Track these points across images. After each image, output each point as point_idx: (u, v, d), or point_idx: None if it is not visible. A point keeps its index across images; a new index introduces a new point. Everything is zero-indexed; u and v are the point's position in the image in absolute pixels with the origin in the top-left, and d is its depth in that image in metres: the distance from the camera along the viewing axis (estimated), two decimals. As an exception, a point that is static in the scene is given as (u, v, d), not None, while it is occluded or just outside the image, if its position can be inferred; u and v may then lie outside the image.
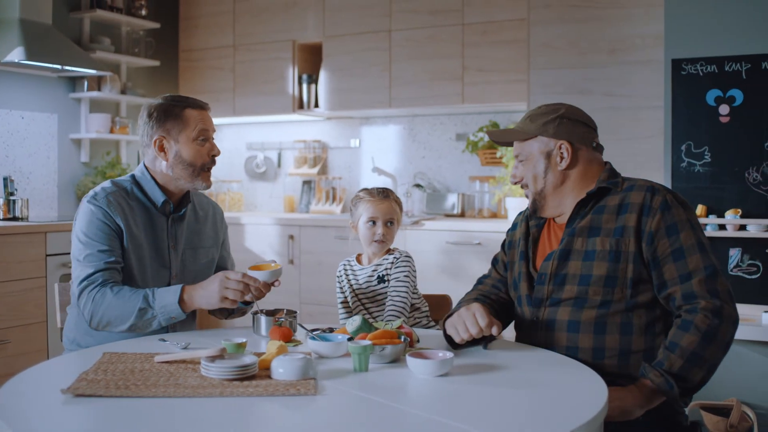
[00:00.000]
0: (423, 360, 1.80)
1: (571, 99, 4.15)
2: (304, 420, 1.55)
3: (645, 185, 2.10)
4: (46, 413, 1.54)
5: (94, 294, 2.27)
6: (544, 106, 2.21)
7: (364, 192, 2.69)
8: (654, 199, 2.05)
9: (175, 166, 2.45)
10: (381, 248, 2.65)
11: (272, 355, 1.83)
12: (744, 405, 3.53)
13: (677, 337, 1.93)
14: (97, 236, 2.35)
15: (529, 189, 2.21)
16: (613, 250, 2.04)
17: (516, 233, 2.34)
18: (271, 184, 6.00)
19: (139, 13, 5.43)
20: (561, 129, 2.16)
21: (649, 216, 2.03)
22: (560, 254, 2.11)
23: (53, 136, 5.03)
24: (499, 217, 5.02)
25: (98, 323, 2.28)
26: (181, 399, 1.61)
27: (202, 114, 2.48)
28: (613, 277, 2.03)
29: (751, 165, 3.62)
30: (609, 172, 2.18)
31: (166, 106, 2.46)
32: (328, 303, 4.80)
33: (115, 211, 2.38)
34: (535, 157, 2.18)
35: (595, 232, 2.08)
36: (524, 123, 2.21)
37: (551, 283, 2.11)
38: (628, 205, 2.07)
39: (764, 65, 3.58)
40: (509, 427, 1.49)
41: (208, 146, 2.47)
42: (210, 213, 2.67)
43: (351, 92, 5.20)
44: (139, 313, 2.24)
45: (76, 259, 2.36)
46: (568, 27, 4.25)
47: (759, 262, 3.61)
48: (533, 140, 2.18)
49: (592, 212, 2.12)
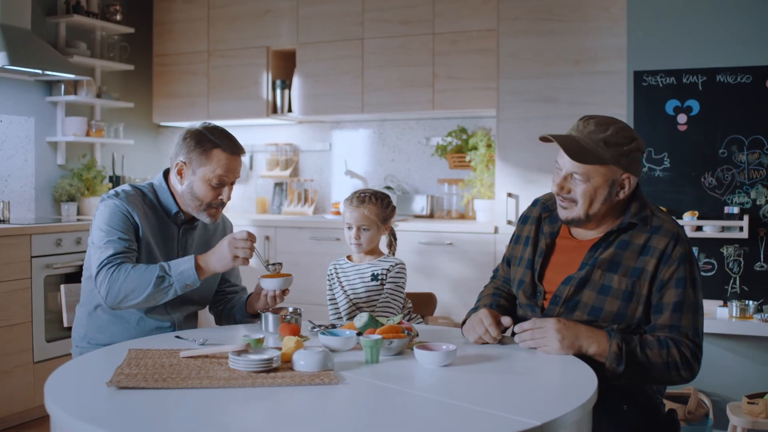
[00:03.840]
0: (430, 352, 2.00)
1: (538, 107, 4.39)
2: (331, 405, 1.73)
3: (671, 231, 2.16)
4: (97, 403, 1.70)
5: (112, 271, 2.39)
6: (620, 130, 2.17)
7: (350, 196, 2.84)
8: (675, 251, 2.14)
9: (185, 194, 2.57)
10: (358, 250, 2.80)
11: (291, 349, 2.00)
12: (700, 393, 3.79)
13: (651, 344, 2.09)
14: (118, 226, 2.47)
15: (577, 206, 2.19)
16: (627, 291, 2.15)
17: (526, 229, 2.41)
18: (243, 185, 6.13)
19: (113, 18, 5.52)
20: (633, 163, 2.18)
21: (667, 264, 2.14)
22: (579, 282, 2.19)
23: (30, 139, 5.10)
24: (468, 218, 5.23)
25: (115, 298, 2.39)
26: (215, 390, 1.77)
27: (230, 160, 2.54)
28: (623, 314, 2.15)
29: (706, 170, 3.88)
30: (640, 204, 2.22)
31: (201, 136, 2.53)
32: (305, 302, 4.95)
33: (134, 209, 2.51)
34: (599, 183, 2.16)
35: (615, 267, 2.16)
36: (598, 146, 2.15)
37: (563, 306, 2.21)
38: (651, 248, 2.15)
39: (719, 78, 3.84)
40: (509, 408, 1.67)
41: (220, 191, 2.56)
42: (220, 225, 2.80)
43: (324, 98, 5.36)
44: (157, 281, 2.36)
45: (96, 246, 2.47)
46: (535, 38, 4.47)
47: (714, 260, 3.88)
48: (603, 166, 2.16)
49: (616, 245, 2.19)
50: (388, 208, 2.82)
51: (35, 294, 4.24)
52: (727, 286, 3.83)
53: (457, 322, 4.60)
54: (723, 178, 3.84)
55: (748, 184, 3.80)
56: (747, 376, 3.80)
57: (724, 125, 3.84)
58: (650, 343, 2.10)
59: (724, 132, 3.84)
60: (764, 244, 3.77)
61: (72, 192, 5.17)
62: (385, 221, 2.82)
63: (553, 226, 2.35)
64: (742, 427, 3.40)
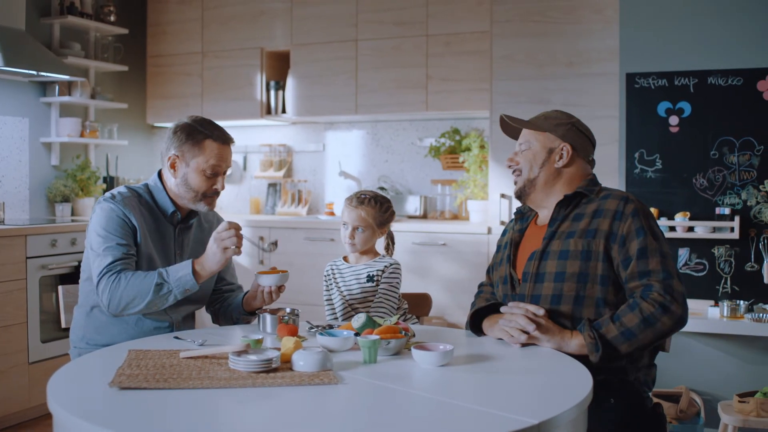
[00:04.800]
0: (427, 352, 2.02)
1: (531, 108, 4.42)
2: (331, 405, 1.75)
3: (620, 195, 2.34)
4: (100, 403, 1.72)
5: (112, 280, 2.41)
6: (560, 112, 2.48)
7: (351, 195, 2.87)
8: (627, 207, 2.29)
9: (180, 186, 2.60)
10: (351, 250, 2.83)
11: (290, 349, 2.02)
12: (692, 392, 3.83)
13: (623, 312, 2.18)
14: (116, 231, 2.49)
15: (521, 175, 2.43)
16: (584, 250, 2.28)
17: (504, 238, 2.58)
18: (237, 186, 6.15)
19: (107, 19, 5.52)
20: (569, 133, 2.42)
21: (621, 220, 2.27)
22: (540, 254, 2.34)
23: (24, 139, 5.10)
24: (461, 219, 5.26)
25: (117, 306, 2.41)
26: (216, 390, 1.79)
27: (221, 149, 2.58)
28: (585, 273, 2.27)
29: (698, 172, 3.92)
30: (590, 181, 2.43)
31: (191, 129, 2.57)
32: (300, 302, 4.97)
33: (131, 211, 2.53)
34: (537, 148, 2.42)
35: (571, 234, 2.32)
36: (538, 119, 2.47)
37: (532, 281, 2.33)
38: (603, 210, 2.31)
39: (710, 80, 3.88)
40: (506, 407, 1.70)
41: (215, 181, 2.60)
42: (214, 225, 2.81)
43: (318, 99, 5.39)
44: (156, 288, 2.39)
45: (95, 252, 2.49)
46: (528, 40, 4.50)
47: (705, 260, 3.92)
48: (541, 134, 2.43)
49: (571, 217, 2.36)
50: (386, 213, 2.85)
51: (30, 295, 4.25)
52: (719, 287, 3.87)
53: (451, 322, 4.62)
54: (714, 179, 3.88)
55: (739, 185, 3.84)
56: (738, 375, 3.85)
57: (715, 127, 3.88)
58: (622, 311, 2.19)
59: (716, 134, 3.88)
60: (755, 245, 3.81)
61: (66, 193, 5.18)
62: (382, 225, 2.84)
63: (522, 223, 2.54)
64: (733, 425, 3.44)
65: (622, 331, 2.15)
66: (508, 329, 2.25)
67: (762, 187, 3.80)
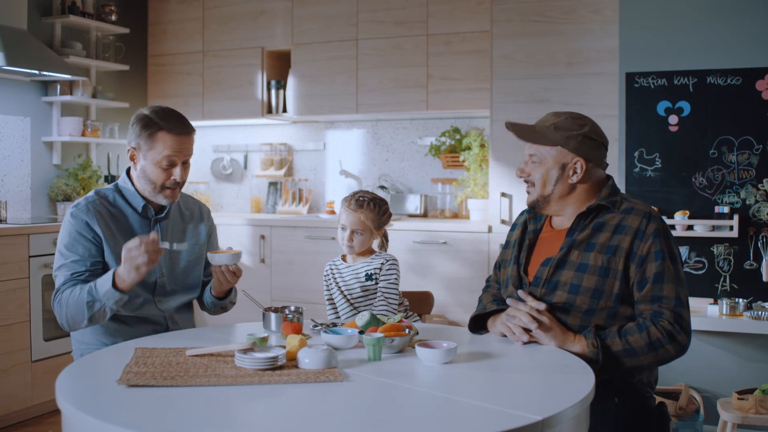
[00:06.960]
0: (431, 349, 2.05)
1: (531, 107, 4.45)
2: (336, 402, 1.77)
3: (642, 211, 2.29)
4: (108, 400, 1.74)
5: (57, 301, 2.47)
6: (570, 117, 2.34)
7: (348, 197, 2.89)
8: (649, 226, 2.25)
9: (140, 178, 2.59)
10: (349, 252, 2.85)
11: (295, 347, 2.04)
12: (691, 389, 3.85)
13: (631, 330, 2.18)
14: (72, 247, 2.52)
15: (535, 189, 2.36)
16: (603, 266, 2.24)
17: (513, 234, 2.54)
18: (238, 185, 6.17)
19: (109, 18, 5.54)
20: (581, 146, 2.31)
21: (642, 240, 2.24)
22: (557, 262, 2.30)
23: (26, 139, 5.12)
24: (461, 217, 5.29)
25: (67, 325, 2.47)
26: (223, 387, 1.82)
27: (175, 140, 2.52)
28: (601, 290, 2.24)
29: (697, 170, 3.95)
30: (610, 190, 2.36)
31: (146, 120, 2.53)
32: (299, 300, 5.00)
33: (94, 218, 2.53)
34: (550, 163, 2.33)
35: (591, 247, 2.27)
36: (549, 130, 2.33)
37: (544, 287, 2.31)
38: (624, 227, 2.27)
39: (709, 80, 3.91)
40: (509, 403, 1.72)
41: (172, 171, 2.55)
42: (196, 212, 2.81)
43: (319, 98, 5.41)
44: (89, 307, 2.39)
45: (54, 270, 2.54)
46: (528, 40, 4.52)
47: (704, 259, 3.94)
48: (553, 148, 2.32)
49: (591, 226, 2.31)
50: (384, 215, 2.86)
51: (33, 293, 4.27)
52: (717, 285, 3.90)
53: (451, 320, 4.65)
54: (713, 178, 3.91)
55: (738, 184, 3.86)
56: (737, 373, 3.87)
57: (714, 126, 3.90)
58: (630, 329, 2.18)
59: (715, 133, 3.90)
60: (754, 243, 3.84)
61: (68, 192, 5.20)
62: (380, 227, 2.86)
63: (536, 224, 2.48)
64: (733, 422, 3.46)
65: (626, 348, 2.16)
66: (511, 326, 2.27)
67: (761, 185, 3.83)
